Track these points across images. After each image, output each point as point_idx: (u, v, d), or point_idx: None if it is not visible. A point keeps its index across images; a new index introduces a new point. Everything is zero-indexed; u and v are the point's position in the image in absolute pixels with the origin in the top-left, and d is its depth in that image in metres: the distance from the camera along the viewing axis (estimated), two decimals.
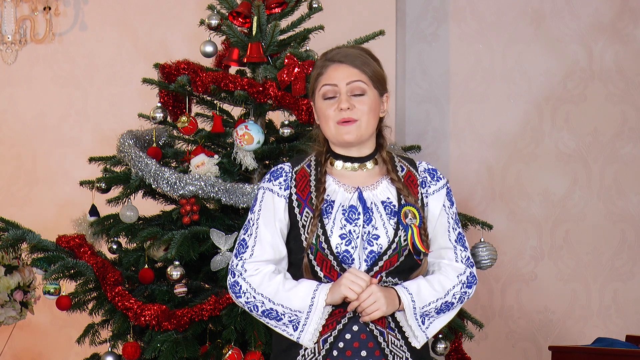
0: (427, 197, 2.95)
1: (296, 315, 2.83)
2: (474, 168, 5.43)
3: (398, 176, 2.93)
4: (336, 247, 2.84)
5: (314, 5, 4.26)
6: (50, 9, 5.53)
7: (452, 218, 2.98)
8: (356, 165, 2.94)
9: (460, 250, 2.96)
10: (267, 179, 2.95)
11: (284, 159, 4.14)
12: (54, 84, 5.56)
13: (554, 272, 5.35)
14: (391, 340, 2.87)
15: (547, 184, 5.37)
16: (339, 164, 2.94)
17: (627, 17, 5.34)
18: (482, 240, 4.00)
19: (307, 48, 4.17)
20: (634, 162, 5.32)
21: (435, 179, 2.98)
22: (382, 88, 2.95)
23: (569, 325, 5.33)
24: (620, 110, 5.34)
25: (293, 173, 2.94)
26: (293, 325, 2.84)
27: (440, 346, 4.08)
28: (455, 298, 2.92)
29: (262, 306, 2.86)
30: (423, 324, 2.89)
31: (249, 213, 2.95)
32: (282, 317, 2.85)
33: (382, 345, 2.85)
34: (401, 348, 2.88)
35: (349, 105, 2.88)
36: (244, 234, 2.93)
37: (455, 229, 2.98)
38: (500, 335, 5.38)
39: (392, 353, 2.86)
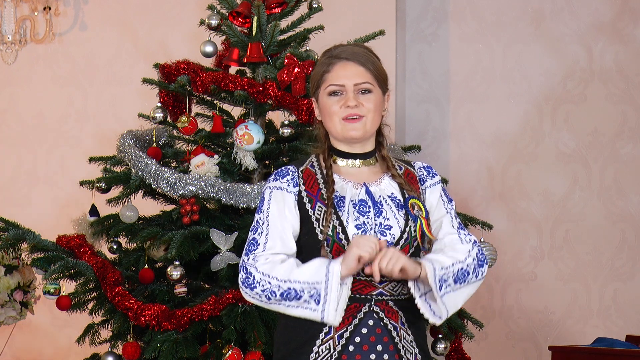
0: (424, 191, 3.01)
1: (315, 287, 2.78)
2: (474, 168, 5.43)
3: (398, 172, 2.98)
4: (353, 237, 2.85)
5: (314, 5, 4.26)
6: (50, 9, 5.53)
7: (450, 213, 3.02)
8: (358, 162, 2.97)
9: (465, 234, 2.97)
10: (272, 179, 2.96)
11: (284, 159, 4.14)
12: (54, 84, 5.56)
13: (554, 272, 5.35)
14: (403, 336, 2.89)
15: (547, 184, 5.36)
16: (342, 161, 2.97)
17: (627, 17, 5.33)
18: (482, 240, 4.01)
19: (307, 48, 4.17)
20: (634, 162, 5.31)
21: (430, 174, 3.04)
22: (385, 87, 2.99)
23: (569, 325, 5.33)
24: (620, 110, 5.34)
25: (299, 172, 2.96)
26: (315, 299, 2.78)
27: (440, 346, 4.08)
28: (470, 268, 2.90)
29: (278, 289, 2.81)
30: (440, 289, 2.84)
31: (256, 214, 2.94)
32: (302, 293, 2.80)
33: (396, 340, 2.87)
34: (411, 344, 2.90)
35: (356, 102, 2.92)
36: (254, 234, 2.92)
37: (456, 220, 3.02)
38: (500, 335, 5.38)
39: (404, 348, 2.88)
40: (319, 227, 2.87)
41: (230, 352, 3.71)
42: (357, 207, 2.89)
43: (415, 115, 5.50)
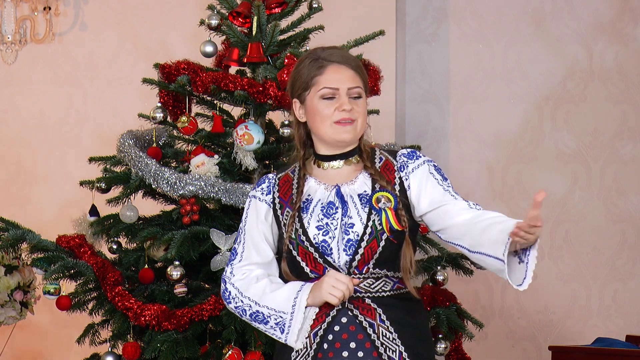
0: (407, 177, 2.96)
1: (281, 316, 2.89)
2: (474, 168, 5.43)
3: (373, 166, 2.97)
4: (314, 238, 2.89)
5: (314, 5, 4.26)
6: (50, 9, 5.53)
7: (449, 190, 2.95)
8: (340, 162, 2.98)
9: (473, 204, 2.93)
10: (252, 188, 3.08)
11: (284, 159, 4.14)
12: (54, 84, 5.57)
13: (554, 272, 5.35)
14: (382, 333, 2.87)
15: (547, 184, 5.36)
16: (325, 164, 2.99)
17: (627, 17, 5.34)
18: None
19: (307, 48, 4.17)
20: (634, 162, 5.32)
21: (413, 158, 2.98)
22: (367, 92, 3.03)
23: (569, 325, 5.33)
24: (620, 110, 5.34)
25: (277, 179, 3.02)
26: (280, 328, 2.90)
27: (440, 346, 4.08)
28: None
29: (249, 309, 2.93)
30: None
31: (241, 222, 3.06)
32: (269, 319, 2.91)
33: (373, 337, 2.86)
34: (394, 341, 2.88)
35: (351, 106, 2.93)
36: (235, 243, 3.05)
37: (459, 194, 2.96)
38: (500, 335, 5.38)
39: (384, 346, 2.87)
40: (286, 231, 2.94)
41: (230, 352, 3.71)
42: (324, 210, 2.92)
43: (415, 115, 5.50)
